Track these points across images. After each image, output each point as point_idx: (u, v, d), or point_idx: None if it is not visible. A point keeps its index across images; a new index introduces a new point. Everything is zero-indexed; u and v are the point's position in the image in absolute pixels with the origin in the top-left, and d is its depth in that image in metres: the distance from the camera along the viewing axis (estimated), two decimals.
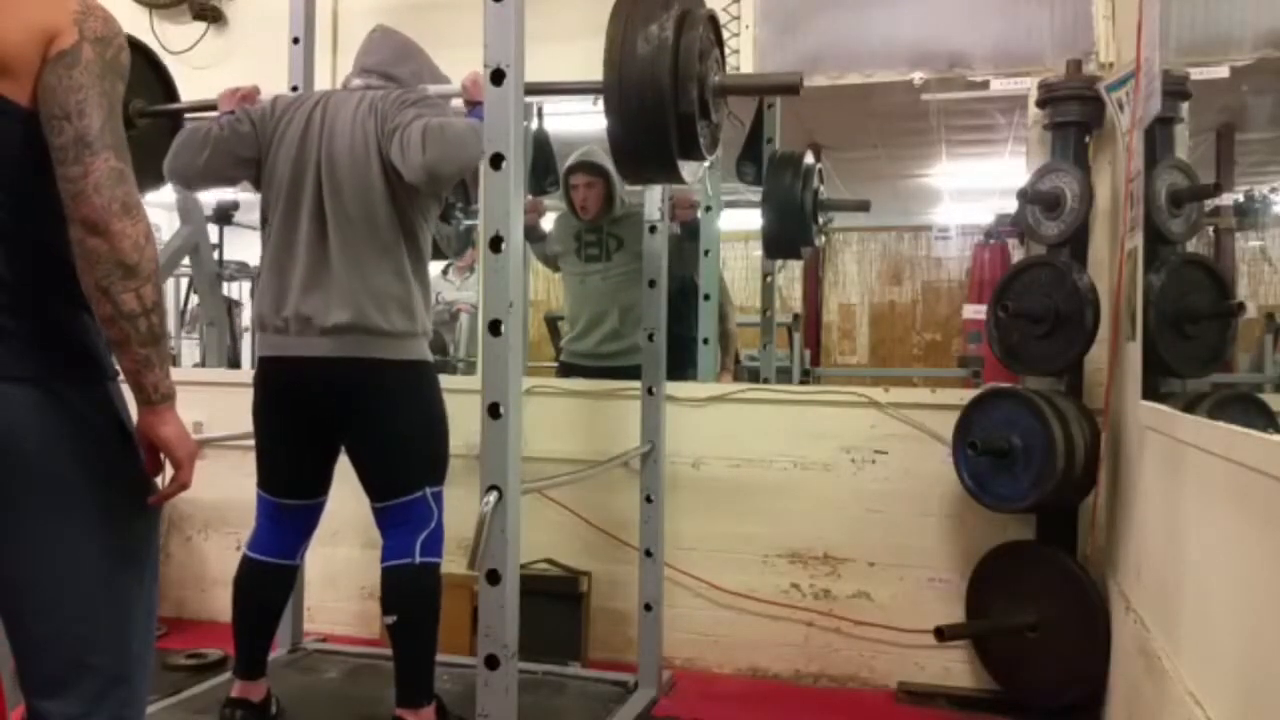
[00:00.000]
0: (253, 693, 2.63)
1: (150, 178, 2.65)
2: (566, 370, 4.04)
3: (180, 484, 1.54)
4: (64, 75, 1.43)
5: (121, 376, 1.52)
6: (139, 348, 1.47)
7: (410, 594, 2.51)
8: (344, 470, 2.65)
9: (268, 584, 2.65)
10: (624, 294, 3.82)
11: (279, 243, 2.53)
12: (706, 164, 2.44)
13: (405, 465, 2.55)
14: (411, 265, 2.53)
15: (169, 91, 3.01)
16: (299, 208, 2.50)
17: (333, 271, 2.46)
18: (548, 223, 4.29)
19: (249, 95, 2.70)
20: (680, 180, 2.31)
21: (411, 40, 2.76)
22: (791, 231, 4.06)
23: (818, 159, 4.27)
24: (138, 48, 2.75)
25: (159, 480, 1.57)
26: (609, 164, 3.79)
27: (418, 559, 2.49)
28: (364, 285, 2.45)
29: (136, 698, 1.59)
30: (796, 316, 6.26)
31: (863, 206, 4.99)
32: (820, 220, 4.33)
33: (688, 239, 4.30)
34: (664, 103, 2.01)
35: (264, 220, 2.61)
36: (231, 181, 2.72)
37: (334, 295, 2.45)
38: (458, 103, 2.65)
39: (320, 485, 2.66)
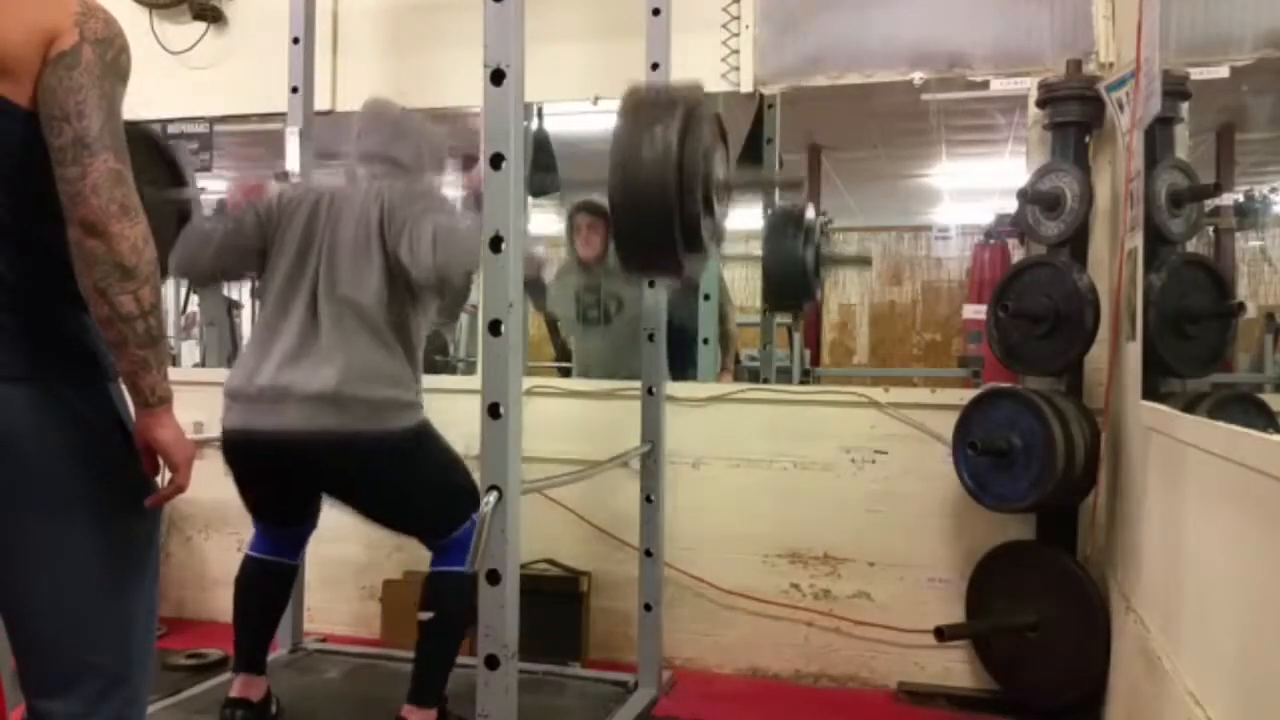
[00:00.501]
0: (252, 691, 2.64)
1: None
2: None
3: (177, 487, 1.54)
4: (64, 76, 1.43)
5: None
6: (136, 349, 1.47)
7: (453, 598, 2.50)
8: None
9: (268, 583, 2.70)
10: (627, 351, 3.79)
11: (267, 321, 2.54)
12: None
13: (435, 514, 2.55)
14: (405, 349, 2.52)
15: (176, 176, 2.96)
16: (295, 291, 2.50)
17: (320, 345, 2.43)
18: (546, 238, 4.36)
19: (257, 189, 2.69)
20: (680, 275, 2.31)
21: (405, 113, 2.78)
22: (793, 288, 4.07)
23: (817, 162, 4.28)
24: (149, 138, 2.68)
25: (158, 480, 1.56)
26: None
27: (470, 568, 2.48)
28: (348, 360, 2.42)
29: (137, 697, 1.59)
30: (797, 316, 6.26)
31: (865, 263, 5.09)
32: (822, 275, 4.36)
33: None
34: (669, 206, 2.04)
35: (259, 304, 2.64)
36: (236, 275, 2.76)
37: (319, 364, 2.41)
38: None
39: (312, 513, 2.73)
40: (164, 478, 1.55)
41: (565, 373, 4.31)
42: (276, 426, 2.40)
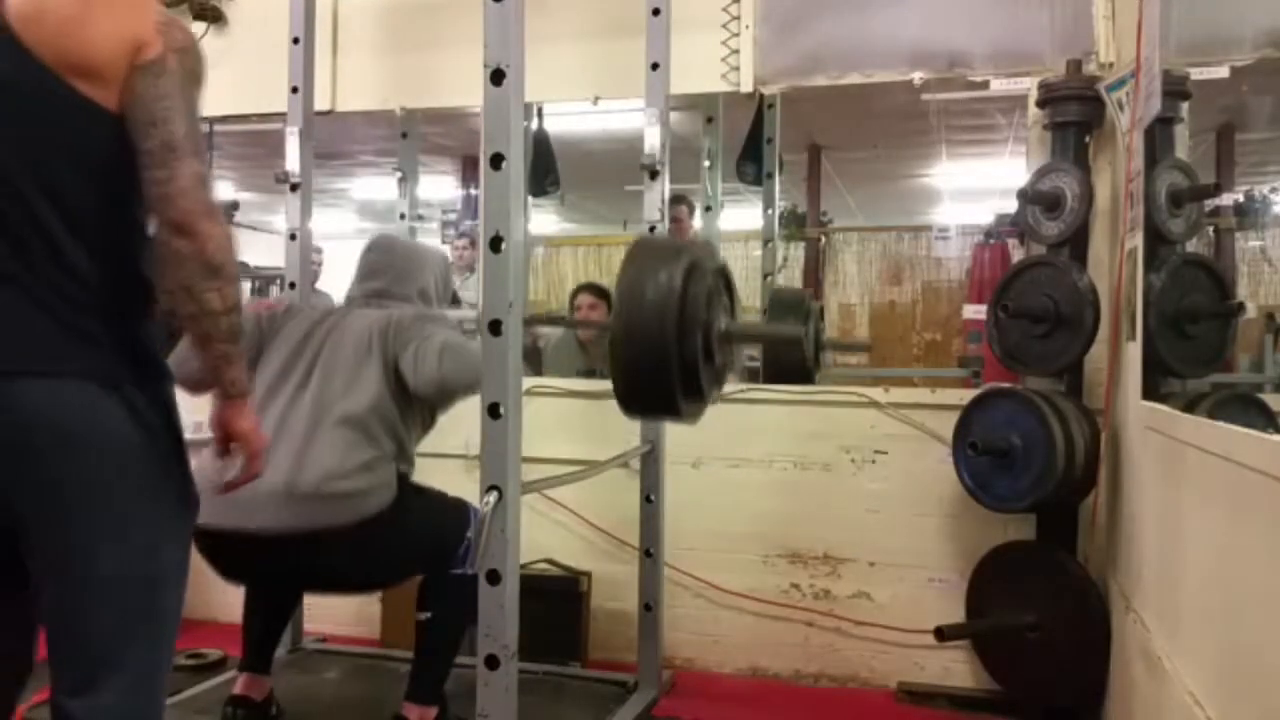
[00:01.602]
0: (255, 690, 2.64)
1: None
2: None
3: (252, 473, 1.67)
4: (151, 84, 1.50)
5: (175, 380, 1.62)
6: (219, 344, 1.57)
7: (454, 597, 2.49)
8: None
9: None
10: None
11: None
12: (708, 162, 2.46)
13: (432, 560, 2.52)
14: (389, 442, 2.44)
15: None
16: (282, 387, 2.46)
17: (293, 444, 2.34)
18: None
19: (273, 306, 2.71)
20: (679, 417, 2.27)
21: (411, 247, 2.82)
22: (792, 371, 4.08)
23: (818, 156, 4.30)
24: None
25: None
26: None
27: (470, 570, 2.48)
28: (323, 454, 2.33)
29: (160, 690, 1.61)
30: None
31: (866, 348, 5.23)
32: (821, 360, 4.40)
33: None
34: (668, 347, 2.05)
35: None
36: None
37: (289, 459, 2.30)
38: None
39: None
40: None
41: None
42: (247, 527, 2.26)
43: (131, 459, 1.51)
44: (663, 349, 2.03)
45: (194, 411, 1.81)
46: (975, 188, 7.54)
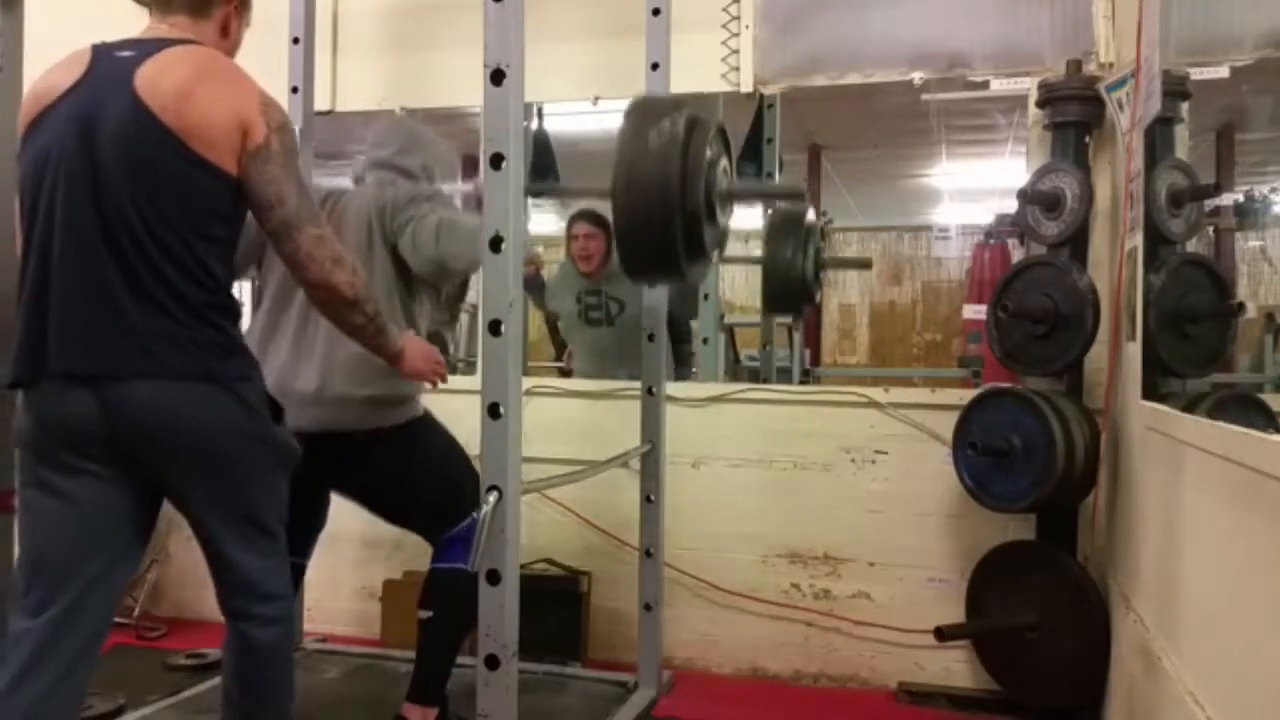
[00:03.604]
0: None
1: None
2: None
3: (436, 379, 2.40)
4: (261, 169, 1.85)
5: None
6: (373, 339, 2.11)
7: (452, 596, 2.51)
8: None
9: None
10: (630, 352, 3.76)
11: (268, 321, 2.57)
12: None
13: (434, 508, 2.56)
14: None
15: None
16: (293, 288, 2.47)
17: (317, 347, 2.49)
18: (545, 241, 4.34)
19: None
20: (684, 280, 2.34)
21: (421, 128, 2.82)
22: (793, 293, 4.05)
23: (817, 160, 4.27)
24: None
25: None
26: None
27: (472, 568, 2.48)
28: (348, 360, 2.45)
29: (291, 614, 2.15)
30: (797, 316, 6.26)
31: (865, 265, 5.06)
32: (821, 279, 4.34)
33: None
34: (671, 203, 2.07)
35: (256, 302, 2.66)
36: (242, 273, 2.71)
37: (317, 369, 2.48)
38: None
39: (319, 511, 2.73)
40: None
41: (565, 373, 4.30)
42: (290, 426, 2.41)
43: (230, 433, 1.88)
44: (666, 200, 2.06)
45: None
46: (975, 188, 7.54)
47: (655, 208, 2.06)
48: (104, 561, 1.88)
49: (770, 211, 4.40)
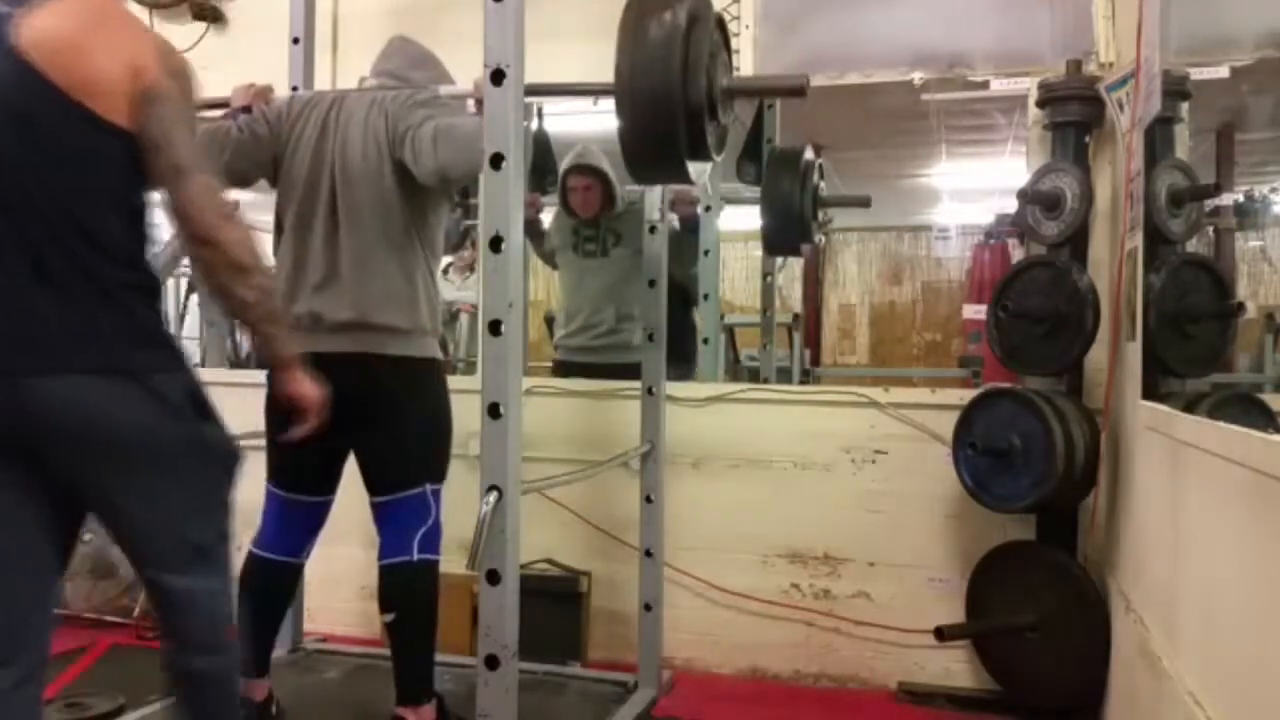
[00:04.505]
0: (255, 692, 2.60)
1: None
2: (561, 365, 4.02)
3: (310, 426, 1.98)
4: (149, 110, 1.67)
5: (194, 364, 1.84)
6: (262, 327, 1.84)
7: (408, 592, 2.51)
8: (347, 471, 2.66)
9: (273, 582, 2.64)
10: (621, 289, 3.82)
11: (294, 243, 2.57)
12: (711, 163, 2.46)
13: (405, 460, 2.55)
14: (420, 265, 2.56)
15: None
16: (314, 209, 2.54)
17: (342, 271, 2.50)
18: (546, 214, 4.29)
19: (263, 93, 2.71)
20: (688, 180, 2.34)
21: (430, 51, 2.79)
22: (791, 229, 4.03)
23: (818, 155, 4.23)
24: None
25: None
26: (606, 165, 3.78)
27: (415, 556, 2.50)
28: (371, 285, 2.49)
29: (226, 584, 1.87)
30: (796, 316, 6.26)
31: (863, 202, 4.92)
32: (820, 217, 4.28)
33: (687, 235, 4.30)
34: (673, 91, 2.06)
35: (278, 222, 2.64)
36: (248, 182, 2.74)
37: (343, 294, 2.49)
38: (470, 103, 2.65)
39: (327, 483, 2.66)
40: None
41: (559, 365, 4.18)
42: (319, 350, 2.38)
43: (154, 430, 1.70)
44: (667, 97, 2.05)
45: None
46: (975, 188, 7.53)
47: (658, 99, 2.05)
48: (29, 582, 1.71)
49: (769, 152, 4.28)
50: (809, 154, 4.05)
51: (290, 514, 2.64)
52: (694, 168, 2.27)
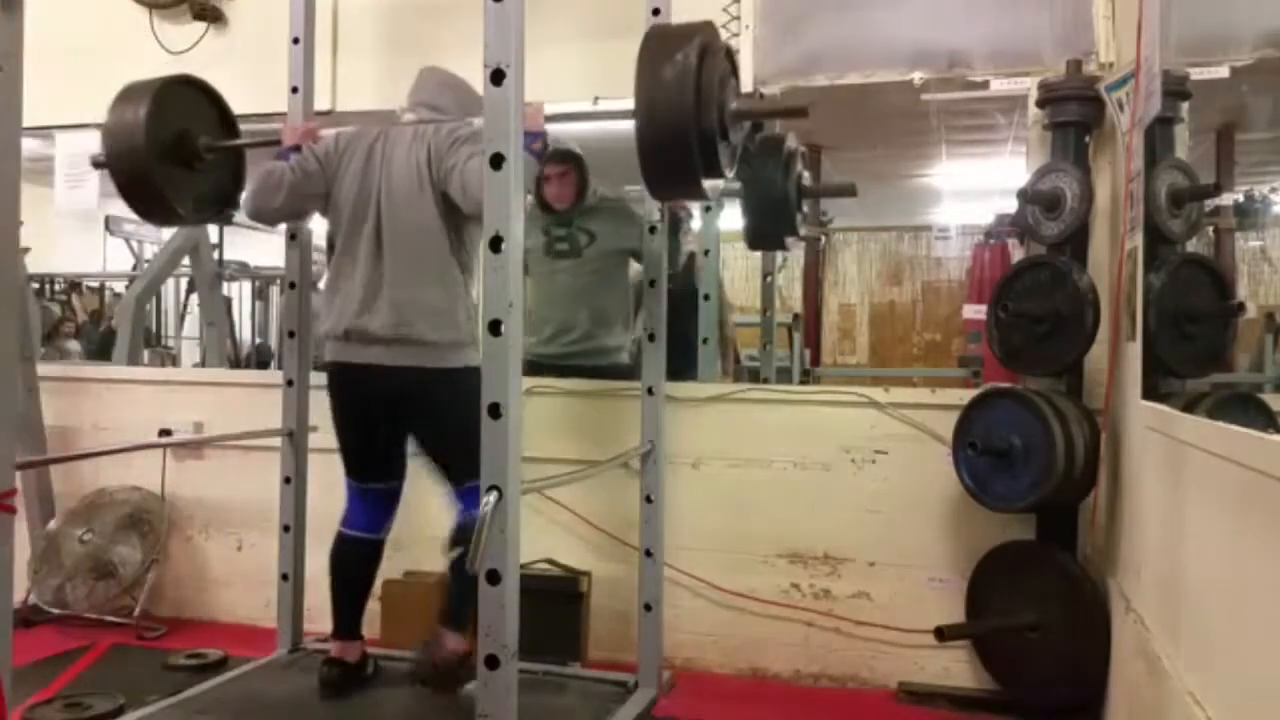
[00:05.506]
0: (349, 653, 2.87)
1: (214, 207, 3.08)
2: (534, 369, 3.72)
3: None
4: None
5: None
6: None
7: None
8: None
9: (358, 556, 2.93)
10: (595, 293, 3.71)
11: (340, 265, 2.81)
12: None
13: (465, 457, 2.58)
14: (459, 282, 2.77)
15: (227, 123, 3.10)
16: (359, 234, 2.77)
17: (385, 289, 2.73)
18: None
19: (311, 132, 2.94)
20: (704, 197, 2.51)
21: (453, 74, 2.97)
22: (774, 222, 3.92)
23: (818, 155, 4.21)
24: (196, 84, 3.04)
25: None
26: (578, 149, 3.73)
27: (470, 568, 2.58)
28: (413, 301, 2.70)
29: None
30: (796, 316, 6.26)
31: (849, 191, 4.77)
32: (805, 208, 4.17)
33: (671, 235, 4.21)
34: (687, 122, 2.27)
35: (330, 244, 2.92)
36: (302, 216, 3.06)
37: (386, 310, 2.72)
38: None
39: (393, 470, 2.93)
40: None
41: (561, 370, 4.16)
42: (363, 361, 2.77)
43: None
44: (683, 125, 2.27)
45: (193, 412, 1.83)
46: (975, 188, 7.53)
47: (674, 128, 2.28)
48: None
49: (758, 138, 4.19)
50: (791, 142, 3.96)
51: (364, 499, 2.91)
52: (709, 184, 2.46)
